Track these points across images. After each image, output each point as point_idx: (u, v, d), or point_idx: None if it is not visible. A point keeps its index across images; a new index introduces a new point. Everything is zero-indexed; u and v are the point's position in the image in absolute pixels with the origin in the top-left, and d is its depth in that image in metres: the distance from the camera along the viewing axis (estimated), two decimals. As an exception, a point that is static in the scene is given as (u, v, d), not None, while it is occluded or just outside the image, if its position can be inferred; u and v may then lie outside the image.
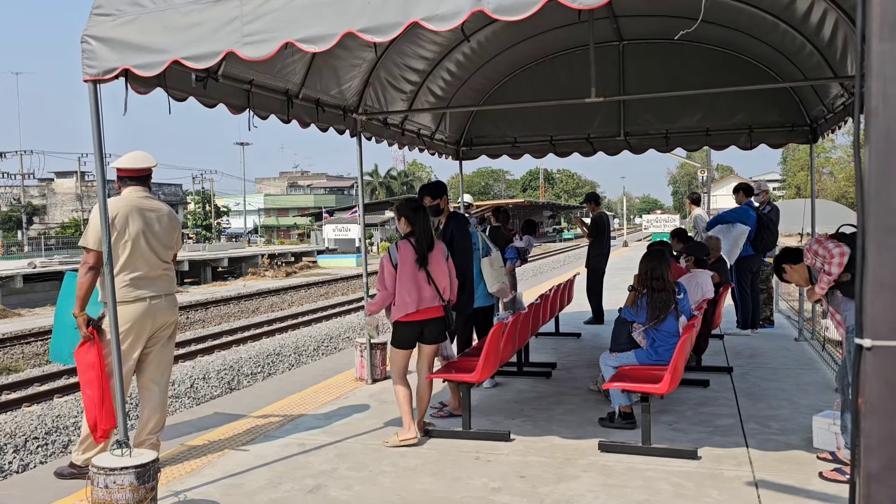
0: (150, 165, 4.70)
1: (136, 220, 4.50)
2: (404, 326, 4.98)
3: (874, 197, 1.21)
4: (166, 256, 4.69)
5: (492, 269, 6.16)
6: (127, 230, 4.46)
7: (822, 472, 4.17)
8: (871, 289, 1.23)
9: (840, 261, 4.15)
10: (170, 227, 4.71)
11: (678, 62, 8.24)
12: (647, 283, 5.25)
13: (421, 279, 4.93)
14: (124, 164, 4.65)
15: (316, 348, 14.20)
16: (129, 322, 4.42)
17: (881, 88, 1.20)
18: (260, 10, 3.62)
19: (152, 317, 4.54)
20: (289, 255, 43.01)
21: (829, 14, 5.68)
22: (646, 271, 5.27)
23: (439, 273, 5.03)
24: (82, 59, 3.94)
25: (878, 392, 1.24)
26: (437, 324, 5.06)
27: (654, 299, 5.19)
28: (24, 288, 25.67)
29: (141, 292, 4.49)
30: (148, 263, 4.54)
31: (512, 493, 4.09)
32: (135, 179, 4.65)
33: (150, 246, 4.55)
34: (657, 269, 5.26)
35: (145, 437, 4.61)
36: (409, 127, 8.20)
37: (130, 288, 4.45)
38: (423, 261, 4.92)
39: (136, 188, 4.64)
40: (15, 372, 12.80)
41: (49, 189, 69.71)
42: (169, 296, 4.69)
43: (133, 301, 4.45)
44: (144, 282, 4.51)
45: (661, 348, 5.15)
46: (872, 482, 1.26)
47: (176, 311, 4.77)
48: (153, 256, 4.56)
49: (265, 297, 24.20)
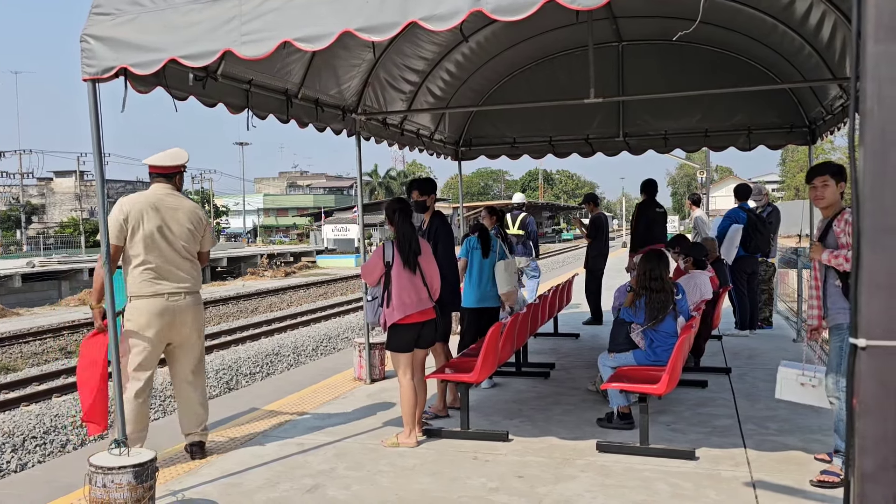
0: (180, 163, 4.74)
1: (153, 216, 4.53)
2: (405, 329, 4.89)
3: (869, 197, 1.21)
4: (187, 253, 4.69)
5: (505, 273, 6.19)
6: (141, 226, 4.49)
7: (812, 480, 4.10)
8: (866, 289, 1.24)
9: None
10: (192, 224, 4.71)
11: (677, 63, 8.25)
12: (645, 284, 5.26)
13: (417, 281, 4.90)
14: (154, 161, 4.70)
15: (315, 348, 14.21)
16: (147, 315, 4.47)
17: (876, 90, 1.21)
18: (258, 10, 3.63)
19: (171, 314, 4.55)
20: (288, 254, 43.00)
21: (827, 15, 5.69)
22: (644, 272, 5.28)
23: (432, 275, 5.03)
24: (81, 58, 3.95)
25: (873, 392, 1.25)
26: (432, 326, 5.05)
27: (653, 300, 5.20)
28: (23, 287, 25.65)
29: (159, 287, 4.52)
30: (166, 259, 4.55)
31: (510, 493, 4.09)
32: (163, 176, 4.70)
33: (168, 242, 4.57)
34: (655, 269, 5.26)
35: (191, 431, 4.79)
36: (409, 127, 8.20)
37: (147, 283, 4.49)
38: (408, 263, 4.88)
39: (161, 185, 4.69)
40: (13, 371, 12.79)
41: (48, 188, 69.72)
42: (191, 294, 4.69)
43: (150, 296, 4.49)
44: (162, 277, 4.54)
45: (659, 349, 5.15)
46: (867, 482, 1.26)
47: (200, 309, 4.79)
48: (172, 252, 4.58)
49: (264, 297, 24.20)
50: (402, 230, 4.94)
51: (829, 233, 4.04)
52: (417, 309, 4.88)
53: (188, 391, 4.80)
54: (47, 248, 48.48)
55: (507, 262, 6.23)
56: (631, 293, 5.41)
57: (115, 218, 4.43)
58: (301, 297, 24.92)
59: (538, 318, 7.04)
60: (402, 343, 4.93)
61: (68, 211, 64.79)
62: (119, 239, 4.43)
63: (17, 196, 61.17)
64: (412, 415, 4.96)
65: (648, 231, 8.98)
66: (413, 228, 5.00)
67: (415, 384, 5.02)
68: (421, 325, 4.94)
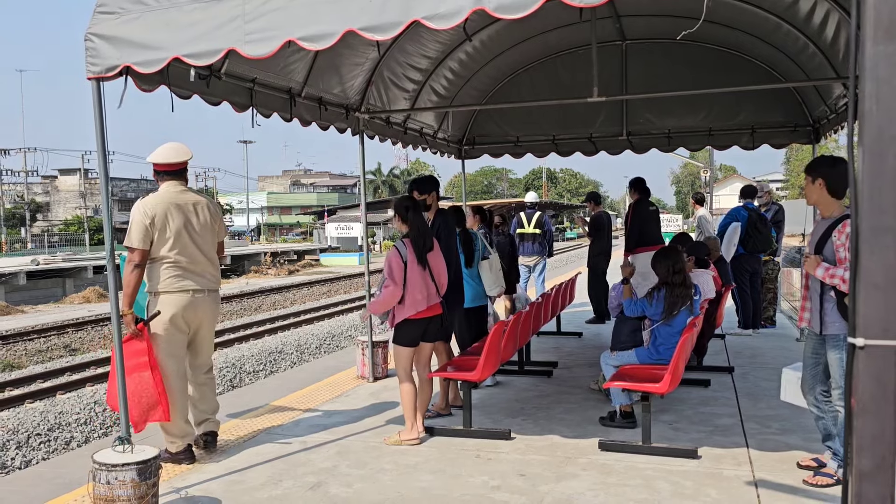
0: (186, 159, 4.74)
1: (177, 216, 4.57)
2: (413, 324, 4.95)
3: (867, 197, 1.22)
4: (209, 249, 4.77)
5: (490, 273, 6.18)
6: (168, 227, 4.54)
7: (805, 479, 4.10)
8: (863, 289, 1.24)
9: None
10: (210, 218, 4.78)
11: (680, 62, 8.24)
12: (668, 279, 5.22)
13: (427, 277, 4.94)
14: (160, 159, 4.66)
15: (318, 346, 14.23)
16: (173, 310, 4.55)
17: (874, 90, 1.21)
18: (262, 9, 3.65)
19: (195, 310, 4.65)
20: (291, 252, 43.05)
21: (831, 14, 5.68)
22: (668, 266, 5.24)
23: (440, 270, 5.05)
24: (86, 56, 3.97)
25: (871, 391, 1.25)
26: (438, 321, 5.09)
27: (674, 294, 5.16)
28: (28, 285, 25.73)
29: (185, 284, 4.60)
30: (191, 257, 4.62)
31: (512, 491, 4.10)
32: (171, 174, 4.70)
33: (193, 240, 4.64)
34: (678, 262, 5.26)
35: (205, 419, 4.91)
36: (412, 126, 8.21)
37: (173, 280, 4.57)
38: (423, 259, 4.93)
39: (172, 182, 4.70)
40: (18, 368, 12.84)
41: (52, 186, 69.90)
42: (212, 291, 4.79)
43: (177, 292, 4.57)
44: (188, 274, 4.61)
45: (662, 346, 5.15)
46: (864, 481, 1.27)
47: (218, 305, 4.92)
48: (195, 250, 4.65)
49: (267, 295, 24.23)
50: (417, 226, 4.95)
51: (826, 242, 3.81)
52: (427, 305, 4.93)
53: (203, 382, 4.92)
54: (52, 246, 48.60)
55: (490, 261, 6.21)
56: (626, 285, 5.41)
57: (139, 222, 4.46)
58: (304, 296, 24.96)
59: (541, 316, 7.04)
60: (408, 338, 4.99)
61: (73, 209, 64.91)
62: (145, 243, 4.47)
63: (21, 194, 61.37)
64: (413, 409, 4.99)
65: (642, 230, 8.94)
66: (427, 224, 5.03)
67: (421, 379, 5.11)
68: (428, 321, 5.00)
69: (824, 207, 3.93)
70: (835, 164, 3.89)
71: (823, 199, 3.91)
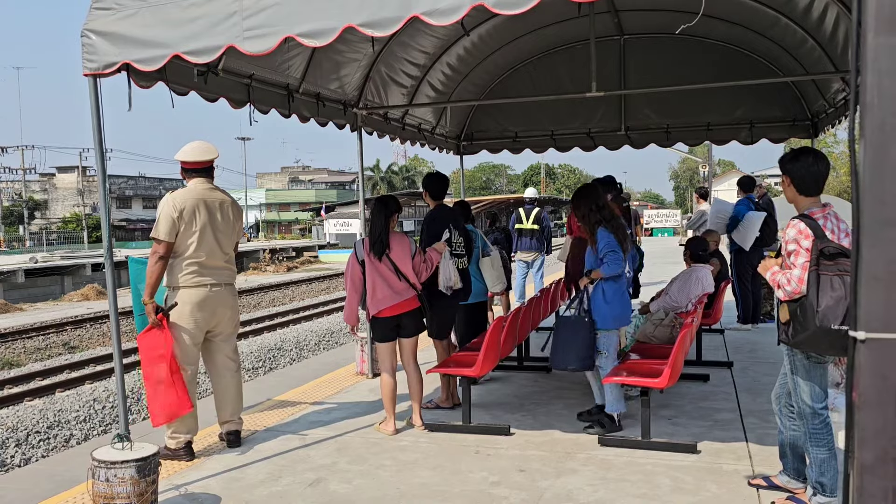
0: (213, 157, 4.81)
1: (203, 212, 4.63)
2: (381, 323, 5.09)
3: (868, 190, 1.21)
4: (228, 247, 4.83)
5: (492, 270, 6.17)
6: (195, 221, 4.59)
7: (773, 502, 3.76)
8: (865, 282, 1.24)
9: (800, 276, 3.22)
10: (233, 218, 4.84)
11: (679, 57, 8.22)
12: (597, 217, 4.88)
13: (389, 275, 4.98)
14: (189, 157, 4.74)
15: (317, 343, 14.23)
16: (190, 304, 4.58)
17: (876, 83, 1.21)
18: (259, 5, 3.63)
19: (212, 305, 4.68)
20: (290, 249, 43.01)
21: (830, 8, 5.67)
22: (590, 206, 4.91)
23: (407, 270, 5.05)
24: (82, 53, 3.95)
25: (872, 384, 1.25)
26: (414, 316, 5.15)
27: (615, 227, 4.86)
28: (26, 283, 25.72)
29: (203, 279, 4.64)
30: (211, 253, 4.67)
31: (511, 486, 4.10)
32: (199, 171, 4.77)
33: (215, 237, 4.69)
34: (599, 198, 4.96)
35: (228, 419, 4.91)
36: (410, 121, 8.19)
37: (192, 275, 4.61)
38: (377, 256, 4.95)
39: (200, 179, 4.76)
40: (17, 366, 12.83)
41: (50, 184, 69.69)
42: (229, 286, 4.84)
43: (195, 286, 4.61)
44: (206, 270, 4.66)
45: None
46: (866, 474, 1.26)
47: (236, 301, 4.95)
48: (216, 247, 4.70)
49: (266, 292, 24.22)
50: (372, 225, 5.05)
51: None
52: (392, 302, 5.00)
53: (228, 378, 4.93)
54: (50, 244, 48.56)
55: (491, 258, 6.21)
56: (573, 239, 5.23)
57: (167, 214, 4.50)
58: (303, 292, 24.95)
59: (540, 312, 7.04)
60: (380, 335, 5.16)
61: (71, 206, 64.76)
62: (171, 235, 4.52)
63: (19, 192, 61.24)
64: (391, 402, 5.13)
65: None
66: (382, 223, 5.01)
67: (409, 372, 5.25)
68: (399, 317, 5.07)
69: (797, 205, 3.54)
70: (797, 158, 3.51)
71: (793, 196, 3.55)
